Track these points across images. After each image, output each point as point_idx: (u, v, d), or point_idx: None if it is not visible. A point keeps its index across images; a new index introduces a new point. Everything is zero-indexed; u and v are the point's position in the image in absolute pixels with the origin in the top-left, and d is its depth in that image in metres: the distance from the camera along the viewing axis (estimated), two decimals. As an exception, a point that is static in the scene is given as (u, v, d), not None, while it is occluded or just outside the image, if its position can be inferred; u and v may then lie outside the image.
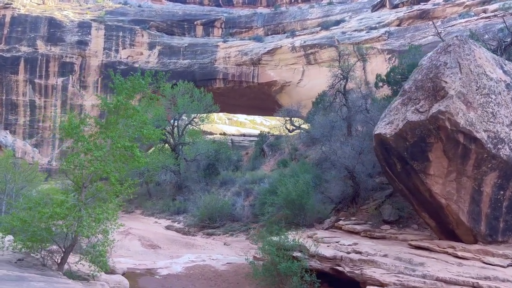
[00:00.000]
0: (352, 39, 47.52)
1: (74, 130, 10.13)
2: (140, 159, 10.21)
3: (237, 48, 55.52)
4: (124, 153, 10.22)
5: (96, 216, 9.45)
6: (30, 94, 53.33)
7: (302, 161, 27.76)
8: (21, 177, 16.06)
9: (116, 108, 10.51)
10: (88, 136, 10.29)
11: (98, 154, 9.62)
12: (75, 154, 10.01)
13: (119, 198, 10.56)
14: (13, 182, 15.42)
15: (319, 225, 16.11)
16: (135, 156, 10.07)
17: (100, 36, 55.33)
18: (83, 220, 9.29)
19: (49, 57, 53.55)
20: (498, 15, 36.93)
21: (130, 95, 10.81)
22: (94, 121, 10.72)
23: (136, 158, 10.12)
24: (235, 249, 21.51)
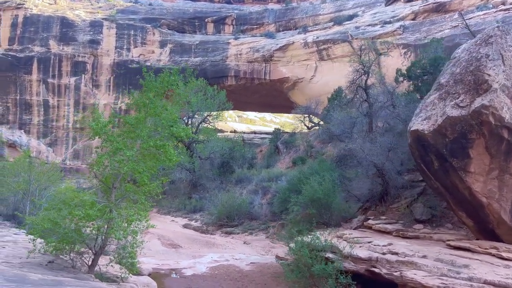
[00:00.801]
0: (366, 34, 46.80)
1: (102, 129, 9.87)
2: (173, 158, 9.93)
3: (248, 45, 55.14)
4: (155, 152, 9.95)
5: (128, 218, 9.20)
6: (44, 94, 53.61)
7: (320, 159, 27.33)
8: (44, 177, 15.93)
9: (145, 106, 10.23)
10: (116, 136, 10.02)
11: (130, 153, 9.35)
12: (105, 155, 9.75)
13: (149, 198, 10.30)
14: (37, 182, 15.28)
15: (347, 225, 15.73)
16: (168, 154, 9.78)
17: (111, 35, 55.36)
18: (116, 222, 9.05)
19: (61, 56, 53.74)
20: (518, 7, 36.03)
21: (159, 92, 10.51)
22: (123, 120, 10.42)
23: (169, 157, 9.83)
24: (256, 248, 21.24)
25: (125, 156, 9.37)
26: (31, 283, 6.83)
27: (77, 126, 54.37)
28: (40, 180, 15.59)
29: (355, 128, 22.38)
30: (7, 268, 7.92)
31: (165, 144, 9.81)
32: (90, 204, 9.34)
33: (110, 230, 9.17)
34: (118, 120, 13.33)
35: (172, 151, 9.94)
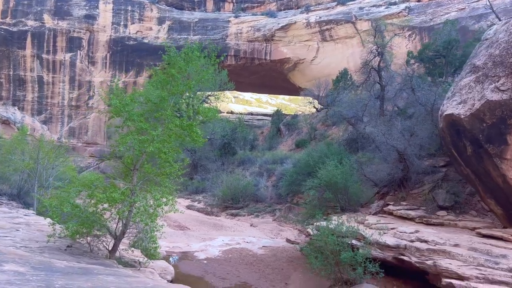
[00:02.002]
0: (370, 15, 45.93)
1: (125, 108, 9.25)
2: (199, 138, 9.39)
3: (249, 23, 53.97)
4: (181, 133, 9.39)
5: (156, 202, 8.71)
6: (38, 70, 52.20)
7: (327, 141, 26.96)
8: (52, 156, 15.26)
9: (168, 84, 9.61)
10: (139, 115, 9.42)
11: (156, 133, 8.79)
12: (129, 134, 9.16)
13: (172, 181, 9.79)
14: (45, 161, 14.63)
15: (364, 210, 15.41)
16: (194, 135, 9.24)
17: (108, 10, 53.73)
18: (142, 205, 8.56)
19: (56, 31, 52.14)
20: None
21: (183, 69, 9.87)
22: (144, 98, 9.79)
23: (196, 137, 9.29)
24: (264, 231, 20.99)
25: (150, 136, 8.81)
26: (60, 272, 6.37)
27: (72, 103, 53.27)
28: (49, 159, 14.95)
29: (366, 111, 21.90)
30: (28, 253, 7.44)
31: (192, 124, 9.26)
32: (112, 186, 8.83)
33: (136, 214, 8.68)
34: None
35: (198, 131, 9.40)
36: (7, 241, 8.40)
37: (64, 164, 17.01)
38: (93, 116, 54.25)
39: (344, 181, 14.89)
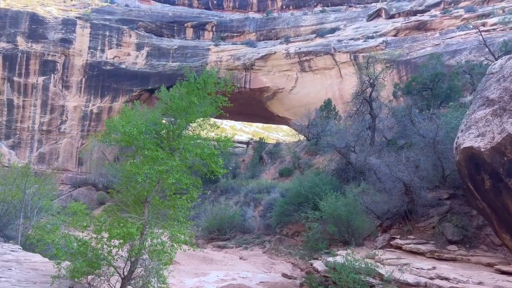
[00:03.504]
0: (349, 47, 47.26)
1: (140, 136, 8.58)
2: (219, 169, 8.78)
3: (229, 52, 54.39)
4: (200, 163, 8.79)
5: (174, 238, 7.96)
6: (8, 93, 50.09)
7: (314, 171, 26.73)
8: (42, 184, 14.01)
9: (184, 111, 9.05)
10: (154, 144, 8.76)
11: (175, 163, 8.15)
12: (142, 164, 8.44)
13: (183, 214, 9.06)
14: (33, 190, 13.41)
15: (369, 243, 15.01)
16: (214, 165, 8.64)
17: (85, 35, 52.82)
18: (160, 242, 7.80)
19: (29, 54, 50.53)
20: (498, 29, 37.48)
21: (201, 95, 9.36)
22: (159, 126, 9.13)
23: (216, 167, 8.69)
24: (256, 264, 20.15)
25: (169, 166, 8.15)
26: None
27: (43, 128, 51.12)
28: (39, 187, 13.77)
29: (358, 141, 21.93)
30: (32, 300, 6.51)
31: (213, 153, 8.69)
32: (123, 221, 8.03)
33: (152, 252, 7.88)
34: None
35: (220, 161, 8.83)
36: (3, 283, 7.39)
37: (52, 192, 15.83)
38: (64, 142, 52.19)
39: (348, 213, 14.53)
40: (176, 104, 9.14)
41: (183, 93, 9.34)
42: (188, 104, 9.02)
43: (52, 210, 14.63)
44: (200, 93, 9.30)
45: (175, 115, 9.26)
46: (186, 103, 9.07)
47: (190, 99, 8.98)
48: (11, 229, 14.87)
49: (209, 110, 9.43)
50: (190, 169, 8.89)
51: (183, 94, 9.34)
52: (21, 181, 13.25)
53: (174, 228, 8.27)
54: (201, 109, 9.33)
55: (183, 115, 9.11)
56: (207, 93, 9.48)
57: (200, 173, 9.16)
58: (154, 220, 8.78)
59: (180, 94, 9.35)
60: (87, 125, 52.26)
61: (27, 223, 13.02)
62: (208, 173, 9.00)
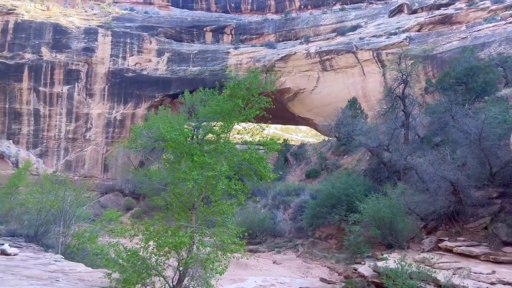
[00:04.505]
0: (371, 44, 46.48)
1: (186, 142, 8.38)
2: (268, 173, 8.49)
3: (248, 54, 54.26)
4: (248, 168, 8.53)
5: (226, 247, 7.70)
6: (35, 103, 51.10)
7: (346, 172, 26.20)
8: (79, 194, 14.06)
9: (228, 114, 8.80)
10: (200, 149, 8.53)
11: (223, 168, 7.90)
12: (190, 169, 8.21)
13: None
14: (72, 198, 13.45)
15: (415, 246, 14.46)
16: (264, 170, 8.36)
17: (107, 43, 53.51)
18: (212, 251, 7.55)
19: (54, 64, 51.46)
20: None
21: (246, 97, 9.09)
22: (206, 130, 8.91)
23: (265, 172, 8.40)
24: (291, 268, 19.78)
25: (217, 172, 7.91)
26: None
27: (69, 136, 51.98)
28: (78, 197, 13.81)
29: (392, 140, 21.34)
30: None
31: (262, 157, 8.42)
32: (174, 230, 7.82)
33: (206, 261, 7.64)
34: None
35: (269, 165, 8.55)
36: (56, 296, 7.27)
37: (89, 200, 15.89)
38: (90, 149, 52.94)
39: (392, 215, 14.03)
40: (221, 107, 8.89)
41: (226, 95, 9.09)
42: (233, 106, 8.76)
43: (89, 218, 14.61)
44: (244, 95, 9.04)
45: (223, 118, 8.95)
46: (230, 106, 8.82)
47: (235, 102, 8.73)
48: (49, 237, 14.94)
49: (253, 112, 9.15)
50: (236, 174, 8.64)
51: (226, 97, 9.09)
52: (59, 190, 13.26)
53: (225, 236, 8.00)
54: (245, 112, 9.06)
55: (227, 118, 8.85)
56: (251, 94, 9.21)
57: (249, 178, 8.89)
58: (202, 227, 8.54)
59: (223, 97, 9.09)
60: (111, 132, 52.89)
61: (66, 232, 13.01)
62: (256, 178, 8.72)
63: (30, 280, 8.02)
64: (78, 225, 14.61)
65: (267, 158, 9.34)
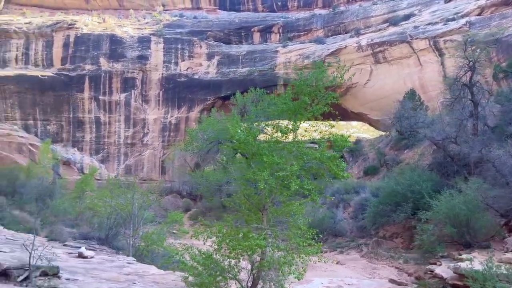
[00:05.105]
0: (427, 33, 44.24)
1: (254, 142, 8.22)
2: (341, 173, 8.15)
3: (297, 52, 53.66)
4: (319, 167, 8.23)
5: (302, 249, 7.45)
6: (95, 111, 53.85)
7: (404, 167, 25.03)
8: (148, 196, 14.56)
9: (294, 112, 8.54)
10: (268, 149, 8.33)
11: (295, 168, 7.66)
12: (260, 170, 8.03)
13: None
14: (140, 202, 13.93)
15: (497, 245, 13.41)
16: (335, 168, 8.02)
17: (159, 50, 55.21)
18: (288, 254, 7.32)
19: (111, 73, 53.93)
20: None
21: (313, 94, 8.79)
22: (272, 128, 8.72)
23: (338, 171, 8.06)
24: (356, 269, 19.15)
25: (289, 172, 7.67)
26: None
27: (128, 141, 54.26)
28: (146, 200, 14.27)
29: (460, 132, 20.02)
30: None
31: (334, 156, 8.08)
32: (245, 232, 7.68)
33: (283, 264, 7.43)
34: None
35: (343, 164, 8.20)
36: (136, 299, 7.38)
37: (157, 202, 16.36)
38: (148, 153, 54.94)
39: (468, 212, 13.06)
40: (287, 105, 8.64)
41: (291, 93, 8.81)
42: (300, 104, 8.48)
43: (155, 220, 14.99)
44: (311, 91, 8.73)
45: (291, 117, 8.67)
46: (296, 104, 8.54)
47: (302, 99, 8.44)
48: (118, 240, 15.51)
49: (320, 109, 8.81)
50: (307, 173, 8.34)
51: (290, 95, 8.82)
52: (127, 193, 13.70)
53: (299, 238, 7.73)
54: (312, 108, 8.74)
55: (293, 116, 8.58)
56: (319, 89, 8.88)
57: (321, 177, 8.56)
58: (274, 229, 8.33)
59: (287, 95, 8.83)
60: (167, 136, 54.55)
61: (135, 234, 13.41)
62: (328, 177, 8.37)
63: (109, 283, 8.23)
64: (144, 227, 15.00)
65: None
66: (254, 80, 52.38)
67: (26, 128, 52.88)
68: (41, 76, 52.36)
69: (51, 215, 20.65)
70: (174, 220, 14.67)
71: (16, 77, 51.83)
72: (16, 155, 50.51)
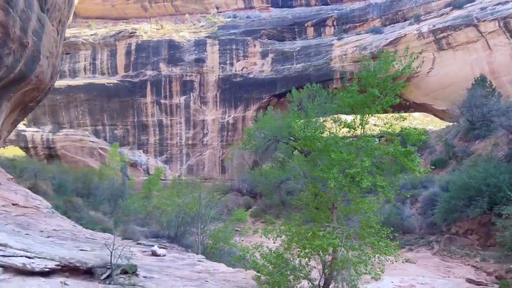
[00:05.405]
0: (496, 13, 41.06)
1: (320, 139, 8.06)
2: (416, 168, 7.75)
3: (353, 44, 52.22)
4: (392, 162, 7.89)
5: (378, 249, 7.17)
6: (158, 115, 56.25)
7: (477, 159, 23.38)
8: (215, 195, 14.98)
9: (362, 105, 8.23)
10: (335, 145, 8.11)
11: (367, 164, 7.39)
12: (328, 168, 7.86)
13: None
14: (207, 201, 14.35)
15: None
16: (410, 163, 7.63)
17: (215, 52, 56.39)
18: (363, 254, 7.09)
19: (171, 77, 56.00)
20: None
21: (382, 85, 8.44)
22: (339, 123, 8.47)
23: (413, 166, 7.67)
24: (427, 267, 18.21)
25: (360, 168, 7.41)
26: None
27: (189, 142, 56.06)
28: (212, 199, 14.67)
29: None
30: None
31: (410, 150, 7.70)
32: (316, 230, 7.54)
33: (357, 264, 7.22)
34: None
35: (418, 159, 7.79)
36: (209, 297, 7.54)
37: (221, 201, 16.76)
38: (208, 153, 56.42)
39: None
40: (354, 99, 8.34)
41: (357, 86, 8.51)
42: (368, 97, 8.15)
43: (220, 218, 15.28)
44: (379, 82, 8.37)
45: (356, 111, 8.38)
46: (362, 97, 8.23)
47: (370, 92, 8.12)
48: (187, 238, 16.02)
49: (390, 101, 8.41)
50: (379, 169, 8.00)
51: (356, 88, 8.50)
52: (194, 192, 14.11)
53: (373, 238, 7.44)
54: (380, 100, 8.36)
55: (360, 110, 8.26)
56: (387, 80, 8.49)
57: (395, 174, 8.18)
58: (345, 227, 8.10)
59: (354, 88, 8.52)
60: (225, 136, 55.64)
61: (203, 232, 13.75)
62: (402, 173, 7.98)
63: (183, 281, 8.48)
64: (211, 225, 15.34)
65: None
66: (309, 76, 51.82)
67: (96, 133, 56.62)
68: (107, 84, 55.73)
69: (123, 215, 21.85)
70: (239, 218, 14.86)
71: (85, 86, 55.62)
72: (88, 159, 54.26)
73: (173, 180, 28.75)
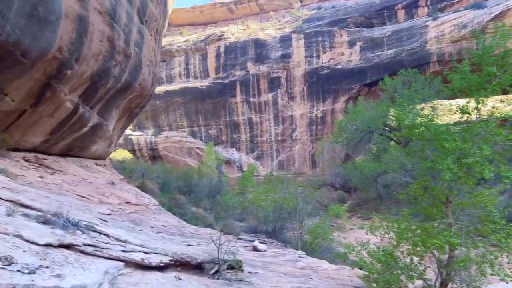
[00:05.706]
0: None
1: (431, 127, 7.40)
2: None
3: (451, 22, 47.76)
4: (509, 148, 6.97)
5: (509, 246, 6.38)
6: (247, 113, 57.70)
7: None
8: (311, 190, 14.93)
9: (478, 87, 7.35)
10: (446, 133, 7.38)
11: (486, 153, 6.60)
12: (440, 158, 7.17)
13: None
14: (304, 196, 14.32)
15: None
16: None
17: (300, 46, 55.99)
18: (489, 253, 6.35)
19: (258, 76, 56.98)
20: None
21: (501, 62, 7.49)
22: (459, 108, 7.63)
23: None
24: None
25: (480, 157, 6.65)
26: None
27: (278, 138, 56.55)
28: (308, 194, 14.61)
29: None
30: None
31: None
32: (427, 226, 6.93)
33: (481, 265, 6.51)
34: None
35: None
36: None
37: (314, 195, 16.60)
38: (297, 148, 56.31)
39: None
40: (467, 80, 7.48)
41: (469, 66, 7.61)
42: (484, 76, 7.25)
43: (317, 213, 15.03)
44: (497, 59, 7.41)
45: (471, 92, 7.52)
46: (477, 77, 7.34)
47: (487, 70, 7.21)
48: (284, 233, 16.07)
49: (509, 79, 7.38)
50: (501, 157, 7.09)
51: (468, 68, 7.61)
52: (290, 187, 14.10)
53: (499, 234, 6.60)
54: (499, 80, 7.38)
55: (475, 92, 7.37)
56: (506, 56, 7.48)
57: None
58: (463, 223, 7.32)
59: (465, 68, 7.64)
60: (314, 130, 55.01)
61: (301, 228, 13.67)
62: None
63: (287, 277, 8.43)
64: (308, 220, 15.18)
65: None
66: (402, 61, 48.79)
67: (192, 134, 60.06)
68: (200, 87, 58.70)
69: (222, 210, 22.76)
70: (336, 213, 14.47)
71: (180, 90, 59.26)
72: (187, 158, 57.78)
73: (266, 176, 29.26)
